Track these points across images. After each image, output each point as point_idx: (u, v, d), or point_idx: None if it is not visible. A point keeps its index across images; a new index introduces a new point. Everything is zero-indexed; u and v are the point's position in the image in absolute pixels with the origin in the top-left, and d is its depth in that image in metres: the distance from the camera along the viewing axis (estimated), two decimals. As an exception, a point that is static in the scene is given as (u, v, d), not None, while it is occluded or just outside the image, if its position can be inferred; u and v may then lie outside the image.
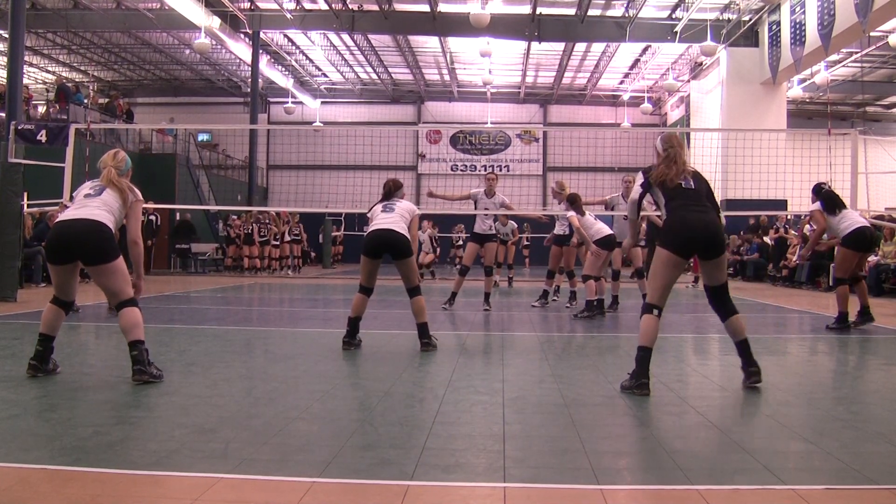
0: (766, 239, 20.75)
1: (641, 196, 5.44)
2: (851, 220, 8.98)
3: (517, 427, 4.03)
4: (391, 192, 7.34)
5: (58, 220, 5.36)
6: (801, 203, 18.78)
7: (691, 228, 5.08)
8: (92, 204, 5.29)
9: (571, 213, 10.35)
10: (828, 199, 9.10)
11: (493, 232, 11.43)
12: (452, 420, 4.17)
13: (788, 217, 20.86)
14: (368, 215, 7.31)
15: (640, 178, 5.41)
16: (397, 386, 5.12)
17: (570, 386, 5.19)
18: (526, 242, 28.33)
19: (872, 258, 15.24)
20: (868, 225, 9.16)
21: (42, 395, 4.67)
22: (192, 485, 3.06)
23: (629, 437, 3.95)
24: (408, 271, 7.06)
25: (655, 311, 5.06)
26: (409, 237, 7.05)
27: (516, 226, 16.73)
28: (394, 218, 7.07)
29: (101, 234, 5.17)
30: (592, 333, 8.64)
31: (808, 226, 18.64)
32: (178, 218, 24.21)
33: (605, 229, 10.37)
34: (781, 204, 21.11)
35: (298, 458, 3.47)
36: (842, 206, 9.16)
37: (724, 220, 10.99)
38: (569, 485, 3.12)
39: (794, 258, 18.33)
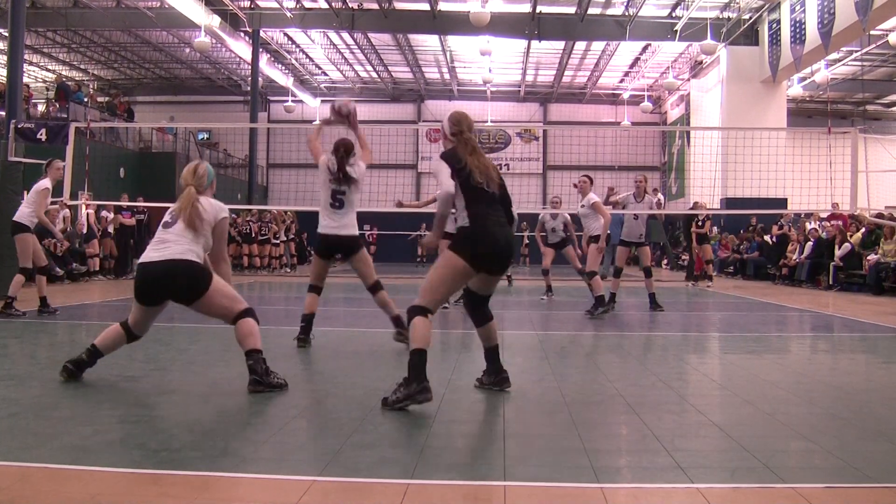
0: (767, 238, 20.74)
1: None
2: None
3: (517, 425, 4.03)
4: (344, 158, 6.90)
5: (141, 262, 4.95)
6: (801, 201, 18.83)
7: (495, 244, 4.60)
8: (170, 238, 4.89)
9: (596, 199, 10.17)
10: None
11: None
12: (453, 419, 4.17)
13: (791, 216, 20.85)
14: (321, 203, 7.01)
15: (445, 167, 4.67)
16: (397, 384, 5.11)
17: (570, 384, 5.19)
18: (526, 241, 28.39)
19: (872, 257, 15.24)
20: None
21: (42, 394, 4.67)
22: (192, 483, 3.06)
23: (629, 435, 3.95)
24: (363, 268, 7.00)
25: (430, 316, 4.53)
26: (357, 236, 6.99)
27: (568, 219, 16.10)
28: (344, 221, 6.91)
29: (187, 270, 4.82)
30: (592, 332, 8.64)
31: (808, 224, 18.67)
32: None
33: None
34: (781, 202, 21.12)
35: (298, 456, 3.47)
36: None
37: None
38: (569, 483, 3.12)
39: (794, 257, 18.33)
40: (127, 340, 5.11)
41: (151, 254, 4.92)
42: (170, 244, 4.87)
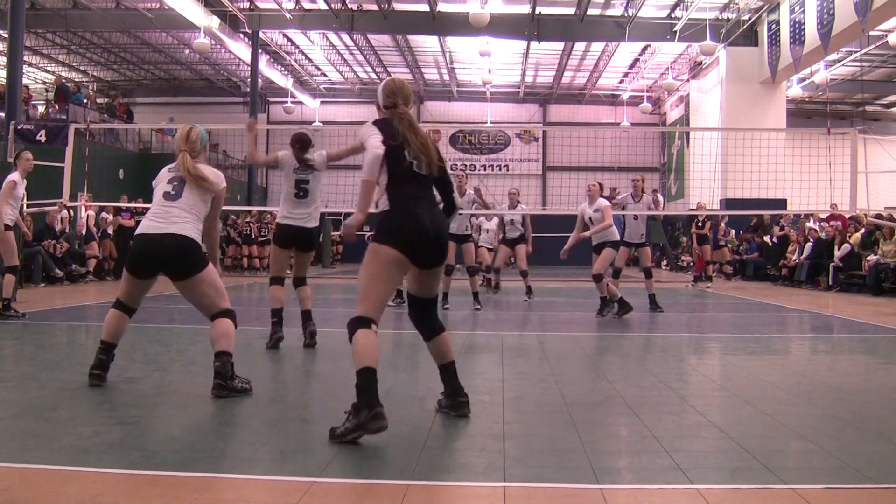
0: (766, 238, 20.74)
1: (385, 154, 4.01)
2: None
3: (517, 426, 4.03)
4: (300, 152, 6.96)
5: (140, 233, 4.86)
6: (801, 202, 18.84)
7: (421, 230, 4.01)
8: (174, 212, 4.80)
9: (607, 204, 10.26)
10: None
11: (469, 232, 11.49)
12: (452, 420, 4.16)
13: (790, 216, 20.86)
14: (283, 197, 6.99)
15: (376, 133, 4.04)
16: (396, 386, 5.12)
17: (569, 385, 5.19)
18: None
19: (871, 257, 15.24)
20: None
21: (42, 396, 4.67)
22: (192, 484, 3.06)
23: (629, 436, 3.95)
24: (306, 261, 7.17)
25: (374, 326, 3.93)
26: (318, 229, 7.11)
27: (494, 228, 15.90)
28: (309, 211, 6.94)
29: (189, 249, 4.78)
30: (592, 333, 8.64)
31: (808, 224, 18.67)
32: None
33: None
34: (781, 203, 21.11)
35: (298, 457, 3.47)
36: None
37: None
38: (568, 484, 3.12)
39: (794, 257, 18.33)
40: (128, 317, 5.07)
41: (155, 224, 4.80)
42: (175, 219, 4.78)
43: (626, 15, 24.23)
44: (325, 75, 33.63)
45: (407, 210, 4.02)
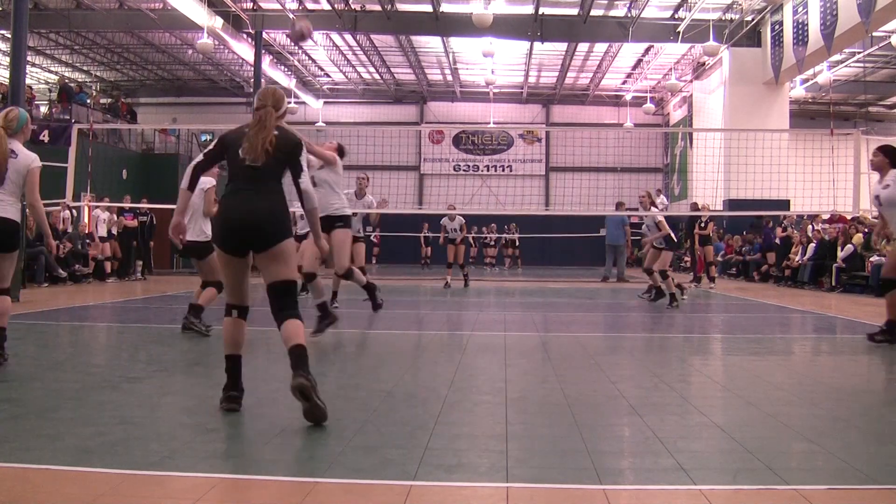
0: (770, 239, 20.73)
1: (206, 159, 4.48)
2: None
3: (520, 427, 4.03)
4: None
5: None
6: (804, 203, 18.82)
7: (226, 219, 4.31)
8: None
9: (661, 218, 12.14)
10: None
11: (361, 235, 11.46)
12: (455, 420, 4.17)
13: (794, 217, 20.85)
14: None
15: (210, 148, 4.51)
16: (399, 386, 5.12)
17: (572, 386, 5.19)
18: (492, 243, 29.18)
19: (873, 258, 15.22)
20: None
21: (44, 396, 4.67)
22: (194, 485, 3.06)
23: (632, 437, 3.95)
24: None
25: (234, 313, 4.33)
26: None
27: (464, 221, 16.36)
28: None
29: (12, 229, 5.58)
30: (595, 334, 8.64)
31: (810, 226, 18.64)
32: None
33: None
34: (784, 204, 21.10)
35: (301, 458, 3.47)
36: None
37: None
38: (571, 485, 3.11)
39: (797, 258, 18.31)
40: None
41: None
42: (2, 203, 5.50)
43: (629, 16, 24.20)
44: (328, 76, 33.64)
45: (220, 207, 4.46)
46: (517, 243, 29.78)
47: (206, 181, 7.11)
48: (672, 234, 12.24)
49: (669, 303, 11.67)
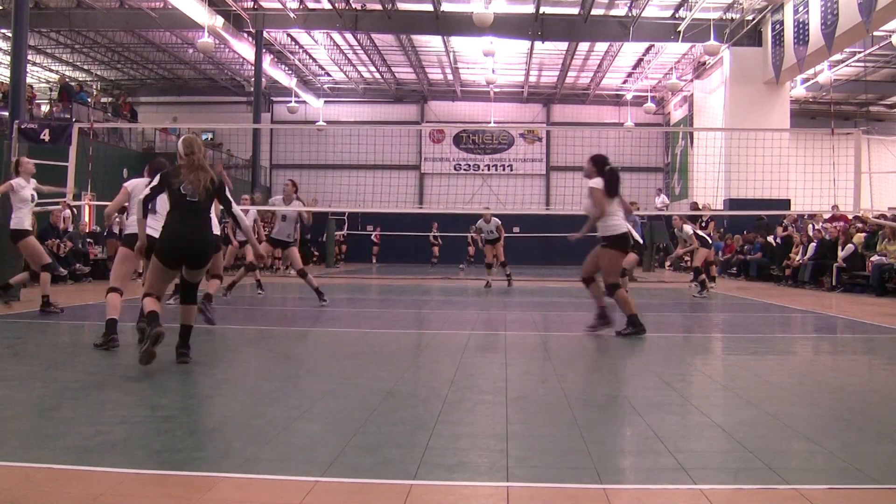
0: (770, 239, 20.71)
1: (153, 193, 5.88)
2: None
3: (520, 426, 4.03)
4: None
5: None
6: (805, 203, 18.81)
7: (178, 243, 5.70)
8: None
9: (690, 231, 13.92)
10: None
11: (291, 240, 12.10)
12: (455, 419, 4.17)
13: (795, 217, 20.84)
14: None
15: (153, 181, 5.88)
16: (400, 385, 5.12)
17: (572, 385, 5.19)
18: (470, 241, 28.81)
19: (875, 258, 15.22)
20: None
21: (45, 395, 4.67)
22: (194, 484, 3.06)
23: (632, 436, 3.95)
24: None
25: (153, 295, 5.73)
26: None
27: (500, 223, 16.64)
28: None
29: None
30: (595, 333, 8.63)
31: (811, 226, 18.64)
32: None
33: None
34: (785, 203, 21.09)
35: (301, 457, 3.47)
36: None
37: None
38: (572, 484, 3.11)
39: (798, 258, 18.30)
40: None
41: None
42: None
43: (629, 15, 24.21)
44: (328, 75, 33.64)
45: (164, 230, 5.75)
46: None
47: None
48: (637, 236, 12.53)
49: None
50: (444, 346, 6.99)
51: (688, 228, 14.57)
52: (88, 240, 17.37)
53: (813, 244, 17.72)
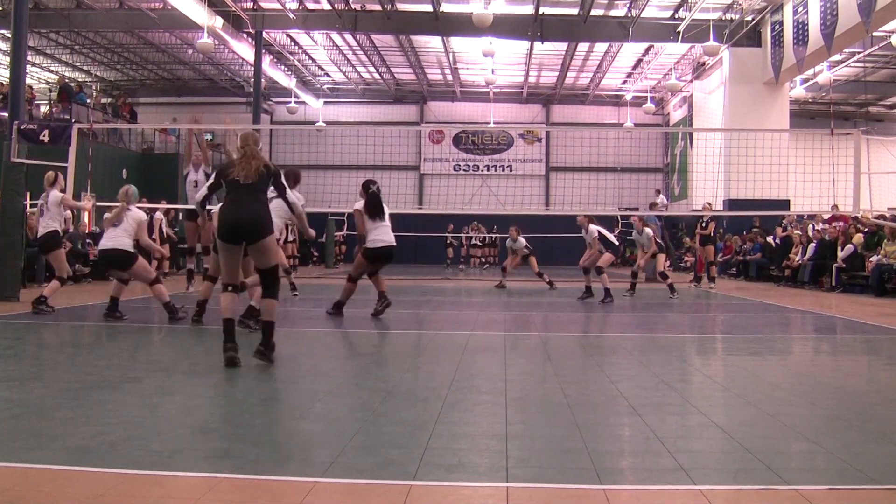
0: (769, 239, 20.72)
1: (210, 191, 6.42)
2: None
3: (520, 427, 4.03)
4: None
5: None
6: (804, 203, 18.81)
7: (225, 221, 5.94)
8: None
9: (648, 230, 13.81)
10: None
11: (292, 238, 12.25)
12: (455, 420, 4.17)
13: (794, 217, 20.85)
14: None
15: (213, 176, 6.40)
16: (399, 386, 5.12)
17: (572, 386, 5.19)
18: (479, 243, 29.38)
19: (874, 258, 15.22)
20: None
21: (45, 395, 4.67)
22: (194, 485, 3.06)
23: (632, 437, 3.95)
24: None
25: (230, 288, 6.00)
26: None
27: (525, 243, 17.23)
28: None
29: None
30: (595, 333, 8.64)
31: (811, 226, 18.65)
32: (179, 218, 24.27)
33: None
34: (784, 204, 21.08)
35: (301, 458, 3.47)
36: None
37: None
38: (571, 485, 3.12)
39: (797, 258, 18.29)
40: None
41: None
42: None
43: (629, 15, 24.20)
44: (328, 75, 33.63)
45: (221, 211, 6.03)
46: (488, 241, 29.58)
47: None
48: (613, 239, 13.69)
49: (604, 298, 12.56)
50: (444, 347, 6.99)
51: (648, 231, 14.13)
52: (88, 241, 17.36)
53: (812, 244, 17.73)
